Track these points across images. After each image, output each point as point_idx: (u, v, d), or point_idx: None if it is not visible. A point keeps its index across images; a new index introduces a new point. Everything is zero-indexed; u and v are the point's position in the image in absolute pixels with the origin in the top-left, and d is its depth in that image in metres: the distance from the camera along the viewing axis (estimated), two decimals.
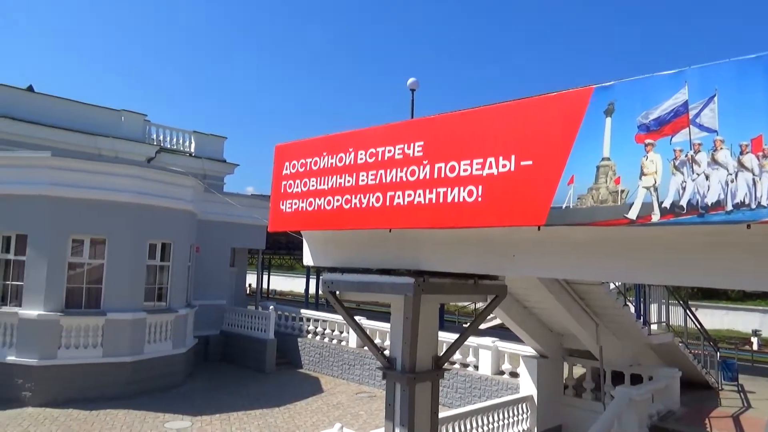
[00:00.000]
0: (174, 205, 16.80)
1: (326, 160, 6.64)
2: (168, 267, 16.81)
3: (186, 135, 26.96)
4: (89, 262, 15.24)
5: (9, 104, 21.26)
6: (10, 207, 14.91)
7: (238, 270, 23.26)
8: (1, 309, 14.63)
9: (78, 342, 14.64)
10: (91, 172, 15.48)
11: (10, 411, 13.32)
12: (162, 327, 16.20)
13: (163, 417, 13.42)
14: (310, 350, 19.76)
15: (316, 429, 12.86)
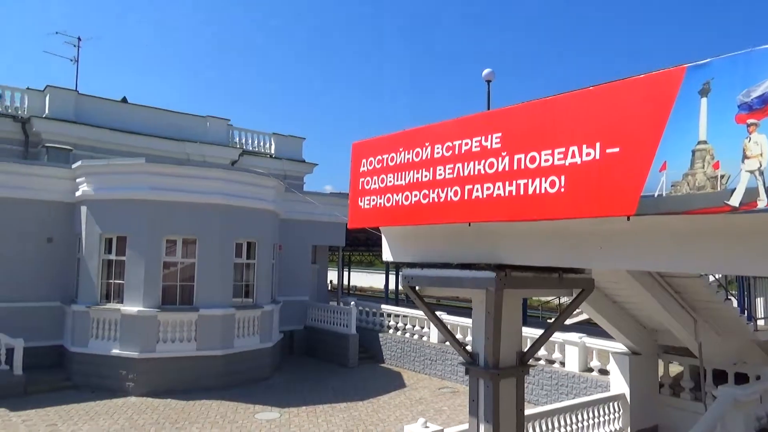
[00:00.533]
0: (258, 206, 17.44)
1: (403, 156, 6.63)
2: (253, 265, 17.50)
3: (266, 137, 27.93)
4: (182, 261, 16.13)
5: (106, 115, 22.92)
6: (111, 211, 16.06)
7: (319, 267, 23.82)
8: (106, 305, 15.80)
9: (174, 336, 15.55)
10: (182, 176, 16.38)
11: (116, 400, 14.38)
12: (250, 322, 16.89)
13: (254, 408, 13.99)
14: (392, 345, 19.92)
15: (400, 423, 12.95)
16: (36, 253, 16.63)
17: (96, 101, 23.16)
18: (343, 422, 13.08)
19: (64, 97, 22.13)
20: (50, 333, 16.49)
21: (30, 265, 16.47)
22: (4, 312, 15.61)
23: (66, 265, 17.02)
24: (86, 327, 15.79)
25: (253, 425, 12.70)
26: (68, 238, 17.05)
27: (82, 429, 12.09)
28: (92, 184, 16.46)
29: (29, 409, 13.31)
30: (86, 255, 16.21)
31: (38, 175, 16.99)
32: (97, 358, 15.44)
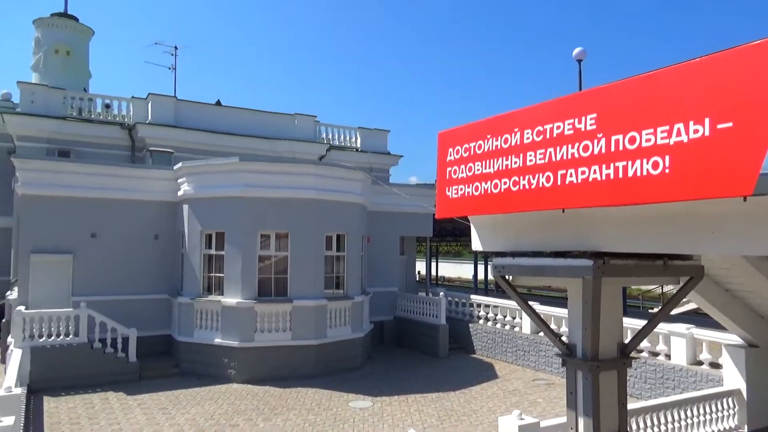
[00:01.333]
0: (346, 199, 17.77)
1: (491, 143, 6.47)
2: (343, 257, 17.86)
3: (352, 131, 28.39)
4: (275, 254, 16.76)
5: (202, 118, 24.23)
6: (210, 208, 16.97)
7: (407, 258, 23.94)
8: (208, 298, 16.75)
9: (270, 326, 16.22)
10: (273, 173, 17.00)
11: (220, 386, 15.22)
12: (341, 313, 17.28)
13: (347, 396, 14.32)
14: (482, 336, 19.67)
15: (493, 414, 12.78)
16: (145, 249, 17.91)
17: (193, 106, 24.54)
18: (435, 412, 13.09)
19: (164, 103, 23.62)
20: (159, 323, 17.73)
21: (140, 261, 17.77)
22: (119, 304, 16.94)
23: (171, 261, 18.21)
24: (191, 318, 16.84)
25: (347, 413, 13.00)
26: (172, 235, 18.22)
27: (190, 412, 12.92)
28: (192, 183, 17.46)
29: (143, 393, 14.41)
30: (189, 250, 17.25)
31: (144, 177, 18.27)
32: (201, 347, 16.43)
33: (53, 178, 16.90)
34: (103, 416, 12.62)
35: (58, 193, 16.77)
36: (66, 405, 13.41)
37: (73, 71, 26.67)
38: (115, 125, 23.10)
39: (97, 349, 15.51)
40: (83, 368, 15.09)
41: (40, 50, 26.52)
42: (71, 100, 22.92)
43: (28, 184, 16.62)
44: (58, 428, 11.76)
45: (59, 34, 26.74)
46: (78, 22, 27.49)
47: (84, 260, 16.98)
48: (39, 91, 22.36)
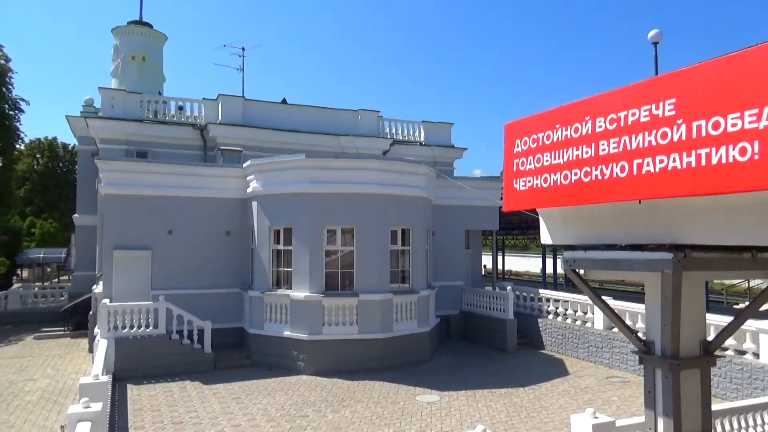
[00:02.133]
0: (411, 193, 17.75)
1: (560, 133, 6.25)
2: (409, 251, 17.87)
3: (415, 125, 28.31)
4: (341, 249, 16.98)
5: (269, 117, 24.84)
6: (278, 204, 17.39)
7: (473, 252, 23.66)
8: (277, 291, 17.19)
9: (337, 320, 16.46)
10: (338, 168, 17.22)
11: (290, 377, 15.62)
12: (407, 307, 17.31)
13: (414, 390, 14.34)
14: (552, 331, 19.17)
15: (564, 412, 12.44)
16: (217, 245, 18.59)
17: (260, 105, 25.20)
18: (503, 408, 12.89)
19: (234, 103, 24.38)
20: (232, 316, 18.38)
21: (213, 256, 18.47)
22: (194, 298, 17.68)
23: (242, 256, 18.82)
24: (261, 311, 17.36)
25: (414, 407, 13.01)
26: (243, 231, 18.81)
27: (261, 402, 13.32)
28: (260, 181, 17.95)
29: (218, 383, 14.99)
30: (258, 246, 17.77)
31: (216, 175, 18.95)
32: (271, 339, 16.90)
33: (132, 178, 17.82)
34: (182, 404, 13.23)
35: (137, 192, 17.67)
36: (147, 393, 14.15)
37: (148, 76, 28.00)
38: (188, 126, 24.07)
39: (175, 340, 16.28)
40: (162, 358, 15.88)
41: (119, 57, 27.99)
42: (147, 104, 24.07)
43: (109, 184, 17.61)
44: (141, 415, 12.43)
45: (135, 41, 28.12)
46: (152, 29, 28.80)
47: (161, 256, 17.83)
48: (118, 96, 23.62)
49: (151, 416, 12.34)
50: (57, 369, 17.80)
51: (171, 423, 11.90)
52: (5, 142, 31.32)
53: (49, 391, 15.09)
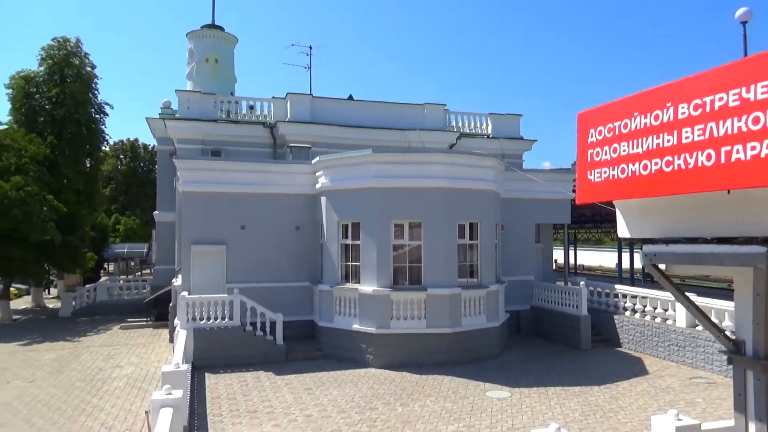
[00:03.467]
0: (478, 186, 17.50)
1: (638, 121, 5.97)
2: (477, 245, 17.63)
3: (482, 118, 27.89)
4: (409, 243, 16.98)
5: (336, 113, 25.17)
6: (345, 200, 17.61)
7: (543, 246, 23.06)
8: (345, 285, 17.42)
9: (405, 314, 16.49)
10: (405, 163, 17.22)
11: (359, 370, 15.80)
12: (476, 302, 17.10)
13: (484, 386, 14.16)
14: (629, 328, 18.39)
15: (644, 413, 11.91)
16: (288, 240, 19.05)
17: (327, 102, 25.59)
18: (578, 407, 12.49)
19: (302, 101, 24.89)
20: (302, 309, 18.80)
21: (284, 251, 18.94)
22: (267, 291, 18.21)
23: (312, 250, 19.20)
24: (330, 304, 17.65)
25: (485, 402, 12.85)
26: (312, 225, 19.18)
27: (332, 394, 13.56)
28: (328, 176, 18.23)
29: (290, 374, 15.39)
30: (327, 240, 18.06)
31: (285, 172, 19.40)
32: (341, 332, 17.16)
33: (207, 176, 18.55)
34: (256, 393, 13.68)
35: (212, 189, 18.37)
36: (224, 381, 14.73)
37: (221, 77, 29.04)
38: (258, 125, 24.79)
39: (249, 332, 16.84)
40: (237, 349, 16.49)
41: (193, 60, 29.19)
42: (220, 104, 24.98)
43: (187, 182, 18.41)
44: (218, 402, 12.95)
45: (208, 44, 29.22)
46: (224, 32, 29.83)
47: (235, 250, 18.48)
48: (193, 97, 24.64)
49: (228, 404, 12.84)
50: (141, 357, 18.86)
51: (246, 411, 12.33)
52: (92, 144, 33.37)
53: (134, 378, 16.01)
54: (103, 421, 12.36)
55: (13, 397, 14.37)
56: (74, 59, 32.25)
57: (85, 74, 32.42)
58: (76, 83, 31.55)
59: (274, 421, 11.72)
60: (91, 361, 18.32)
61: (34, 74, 31.64)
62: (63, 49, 31.99)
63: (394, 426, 11.40)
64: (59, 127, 30.89)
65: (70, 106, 30.96)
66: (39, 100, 31.54)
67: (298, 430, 11.21)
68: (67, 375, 16.58)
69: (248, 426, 11.43)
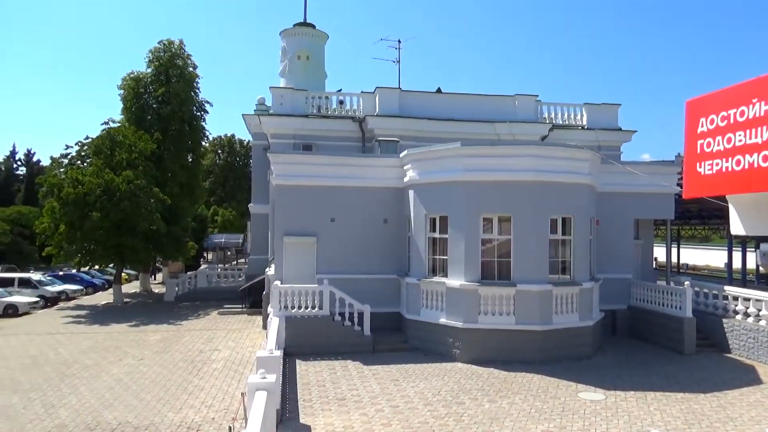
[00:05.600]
0: (572, 180, 16.80)
1: (758, 108, 5.47)
2: (569, 241, 16.96)
3: (577, 108, 26.79)
4: (497, 238, 16.63)
5: (424, 107, 25.09)
6: (433, 193, 17.52)
7: (643, 242, 21.77)
8: (433, 279, 17.36)
9: (494, 309, 16.17)
10: (494, 156, 16.86)
11: (445, 364, 15.71)
12: (568, 299, 16.47)
13: (575, 387, 13.62)
14: (740, 333, 16.99)
15: (758, 425, 10.97)
16: (376, 232, 19.25)
17: (415, 95, 25.57)
18: (680, 414, 11.71)
19: (390, 95, 25.01)
20: (389, 301, 18.94)
21: (372, 243, 19.17)
22: (354, 282, 18.48)
23: (399, 243, 19.29)
24: (417, 297, 17.67)
25: (577, 404, 12.36)
26: (400, 219, 19.26)
27: (418, 386, 13.58)
28: (416, 170, 18.21)
29: (376, 364, 15.58)
30: (415, 233, 18.08)
31: (374, 165, 19.61)
32: (427, 326, 17.14)
33: (299, 169, 19.11)
34: (344, 382, 13.98)
35: (303, 182, 18.91)
36: (314, 369, 15.17)
37: (312, 73, 29.82)
38: (348, 119, 25.21)
39: (338, 321, 17.23)
40: (326, 338, 16.92)
41: (286, 57, 30.17)
42: (311, 100, 25.64)
43: (279, 176, 19.07)
44: (308, 389, 13.36)
45: (300, 41, 30.08)
46: (315, 29, 30.58)
47: (325, 242, 18.93)
48: (286, 94, 25.46)
49: (317, 391, 13.21)
50: (237, 342, 19.85)
51: (335, 398, 12.62)
52: (194, 140, 35.51)
53: (230, 361, 16.88)
54: (203, 400, 13.12)
55: (125, 373, 15.60)
56: (178, 60, 34.39)
57: (187, 74, 34.48)
58: (179, 83, 33.63)
59: (362, 409, 11.92)
60: (192, 344, 19.53)
61: (143, 75, 34.07)
62: (168, 51, 34.20)
63: (481, 422, 11.24)
64: (165, 125, 33.10)
65: (174, 105, 33.07)
66: (147, 100, 33.96)
67: (384, 419, 11.33)
68: (171, 355, 17.77)
69: (337, 413, 11.70)
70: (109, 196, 27.26)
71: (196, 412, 12.29)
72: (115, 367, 16.26)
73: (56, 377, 15.20)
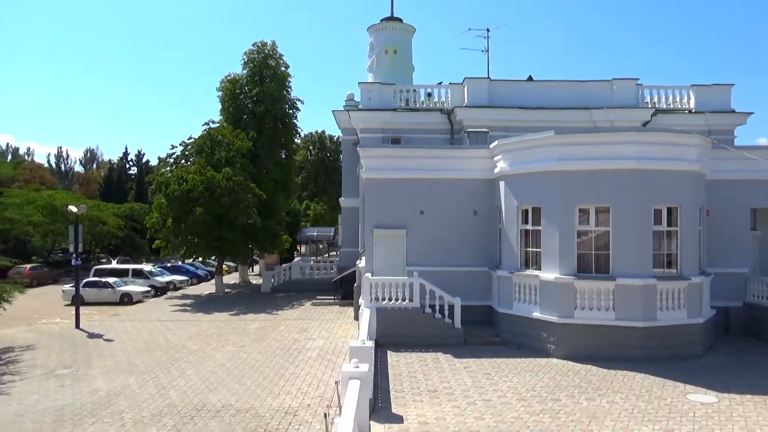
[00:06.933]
0: (677, 167, 15.68)
1: None
2: (675, 232, 15.86)
3: (683, 91, 25.09)
4: (595, 229, 15.86)
5: (515, 96, 24.47)
6: (525, 184, 17.00)
7: (761, 234, 19.91)
8: (525, 272, 16.87)
9: (591, 304, 15.44)
10: (590, 144, 16.09)
11: (539, 359, 15.22)
12: (674, 294, 15.40)
13: (683, 387, 12.72)
14: None
15: None
16: (465, 224, 18.99)
17: (505, 84, 24.97)
18: None
19: (479, 85, 24.59)
20: (480, 294, 18.65)
21: (461, 235, 18.93)
22: (443, 275, 18.33)
23: (489, 235, 18.92)
24: (509, 291, 17.26)
25: (685, 406, 11.53)
26: (490, 210, 18.88)
27: (511, 381, 13.25)
28: (507, 160, 17.76)
29: (468, 357, 15.38)
30: (506, 226, 17.65)
31: (463, 157, 19.36)
32: (520, 320, 16.70)
33: (388, 163, 19.23)
34: (435, 374, 13.91)
35: (392, 175, 19.01)
36: (405, 360, 15.23)
37: (399, 67, 29.87)
38: (436, 111, 25.07)
39: (428, 313, 17.19)
40: (416, 329, 16.94)
41: (373, 53, 30.43)
42: (399, 93, 25.73)
43: (369, 170, 19.28)
44: (400, 379, 13.42)
45: (387, 35, 30.21)
46: (402, 23, 30.60)
47: (414, 234, 18.93)
48: (374, 89, 25.70)
49: (409, 382, 13.23)
50: (329, 332, 20.36)
51: (426, 390, 12.59)
52: (287, 137, 36.80)
53: (324, 350, 17.33)
54: (299, 387, 13.56)
55: (227, 359, 16.44)
56: (271, 61, 35.74)
57: (280, 74, 35.75)
58: (273, 83, 34.97)
59: (454, 402, 11.80)
60: (287, 333, 20.26)
61: (239, 77, 35.72)
62: (261, 53, 35.61)
63: (579, 420, 10.77)
64: (259, 123, 34.56)
65: (268, 104, 34.43)
66: (243, 100, 35.60)
67: (477, 413, 11.15)
68: (269, 343, 18.52)
69: (429, 404, 11.65)
70: (210, 193, 28.88)
71: (293, 398, 12.72)
72: (218, 353, 17.18)
73: (166, 361, 16.30)
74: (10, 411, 12.21)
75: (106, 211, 48.97)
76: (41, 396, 13.24)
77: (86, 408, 12.25)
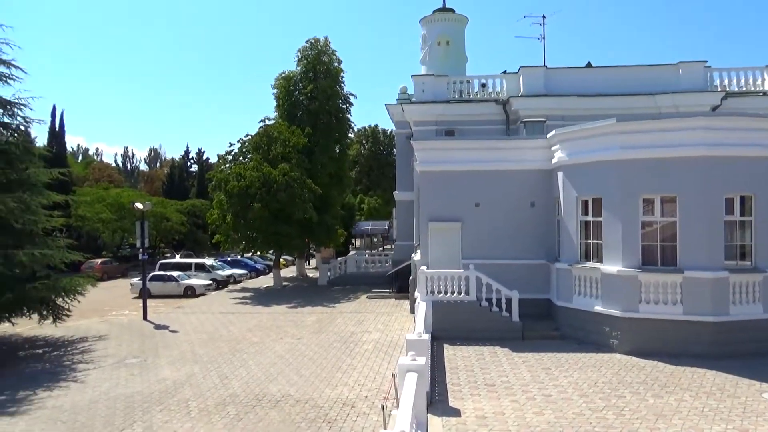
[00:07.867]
0: (752, 153, 14.76)
1: None
2: (750, 222, 14.99)
3: (756, 72, 23.73)
4: (660, 220, 15.21)
5: (572, 83, 23.76)
6: (585, 174, 16.47)
7: None
8: (586, 264, 16.37)
9: (657, 298, 14.82)
10: (654, 131, 15.41)
11: (601, 354, 14.77)
12: (748, 288, 14.59)
13: (759, 386, 12.05)
14: None
15: None
16: (522, 216, 18.58)
17: (562, 72, 24.29)
18: None
19: (535, 74, 24.00)
20: (538, 287, 18.22)
21: (518, 228, 18.53)
22: (500, 267, 18.00)
23: (547, 227, 18.45)
24: (569, 284, 16.80)
25: (762, 405, 10.91)
26: (548, 202, 18.41)
27: (572, 376, 12.91)
28: (565, 150, 17.25)
29: (526, 352, 15.10)
30: (565, 217, 17.17)
31: (519, 147, 18.99)
32: (580, 313, 16.23)
33: (442, 155, 19.06)
34: (493, 367, 13.73)
35: (447, 168, 18.82)
36: (461, 353, 15.10)
37: (452, 58, 29.48)
38: (491, 102, 24.66)
39: (485, 307, 16.98)
40: (473, 323, 16.76)
41: (426, 45, 30.18)
42: (452, 85, 25.45)
43: (423, 162, 19.17)
44: (456, 373, 13.32)
45: (440, 27, 29.87)
46: (454, 13, 30.18)
47: (470, 227, 18.69)
48: (427, 81, 25.53)
49: (466, 375, 13.12)
50: (385, 325, 20.45)
51: (484, 384, 12.44)
52: (341, 132, 37.11)
53: (380, 343, 17.41)
54: (356, 378, 13.69)
55: (286, 350, 16.79)
56: (324, 57, 36.08)
57: (333, 70, 36.06)
58: (326, 79, 35.32)
59: (512, 396, 11.61)
60: (344, 325, 20.49)
61: (293, 74, 36.27)
62: (314, 49, 36.00)
63: (645, 417, 10.37)
64: (314, 119, 35.01)
65: (321, 100, 34.82)
66: (297, 97, 36.13)
67: (536, 408, 10.92)
68: (326, 336, 18.79)
69: (486, 398, 11.51)
70: (267, 188, 29.52)
71: (350, 389, 12.85)
72: (278, 345, 17.57)
73: (228, 352, 16.81)
74: (86, 398, 12.91)
75: (170, 207, 50.91)
76: (113, 384, 13.93)
77: (154, 396, 12.80)
